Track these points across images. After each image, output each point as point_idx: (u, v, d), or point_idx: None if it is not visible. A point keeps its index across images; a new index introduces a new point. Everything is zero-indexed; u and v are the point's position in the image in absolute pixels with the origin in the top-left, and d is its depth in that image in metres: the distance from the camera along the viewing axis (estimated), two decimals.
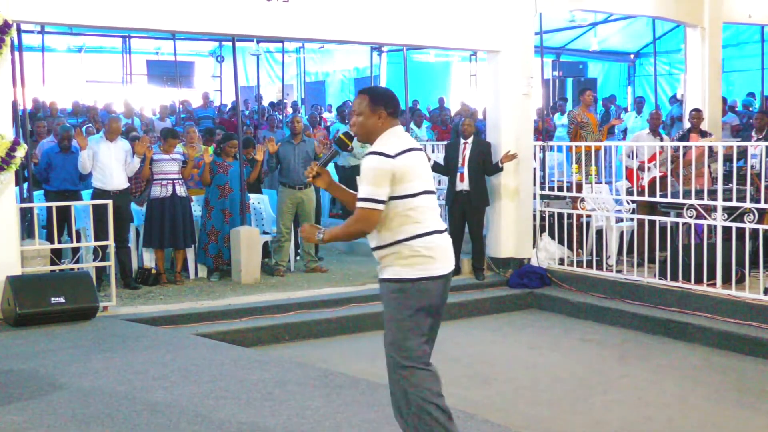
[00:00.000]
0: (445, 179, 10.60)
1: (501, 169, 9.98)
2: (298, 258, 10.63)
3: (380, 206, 3.73)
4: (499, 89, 10.35)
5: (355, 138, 4.02)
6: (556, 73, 19.23)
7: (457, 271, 10.05)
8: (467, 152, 9.84)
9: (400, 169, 3.74)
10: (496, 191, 10.19)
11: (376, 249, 3.88)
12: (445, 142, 10.99)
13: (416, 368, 3.81)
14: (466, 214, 9.88)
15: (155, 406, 5.22)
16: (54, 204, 8.45)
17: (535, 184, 10.35)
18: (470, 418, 4.98)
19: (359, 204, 3.76)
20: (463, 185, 9.82)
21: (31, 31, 15.33)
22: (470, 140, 9.90)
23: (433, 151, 11.56)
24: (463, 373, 6.86)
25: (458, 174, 9.84)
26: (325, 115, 18.84)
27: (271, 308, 8.47)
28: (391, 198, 3.76)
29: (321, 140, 10.88)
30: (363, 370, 6.53)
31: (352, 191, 4.07)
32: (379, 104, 3.88)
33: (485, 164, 9.90)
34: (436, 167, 10.27)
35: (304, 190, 10.02)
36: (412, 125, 13.02)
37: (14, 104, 8.08)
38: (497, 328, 8.80)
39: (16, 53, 8.02)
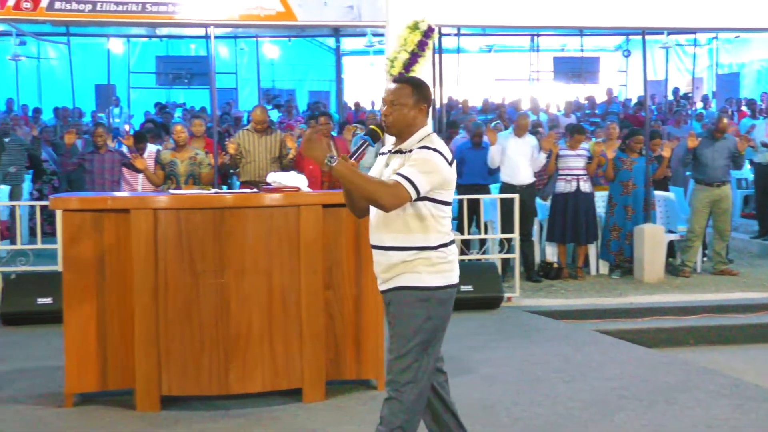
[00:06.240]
0: None
1: None
2: (705, 259, 10.10)
3: (414, 196, 3.44)
4: None
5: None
6: None
7: None
8: None
9: (450, 177, 3.56)
10: None
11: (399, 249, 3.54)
12: None
13: None
14: None
15: (556, 398, 5.30)
16: (465, 197, 8.92)
17: None
18: None
19: (399, 179, 3.41)
20: None
21: (448, 34, 16.30)
22: None
23: None
24: None
25: None
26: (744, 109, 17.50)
27: (674, 309, 8.17)
28: (428, 199, 3.51)
29: (744, 136, 10.19)
30: None
31: (375, 178, 3.57)
32: (422, 99, 3.62)
33: None
34: None
35: (722, 188, 9.54)
36: None
37: (432, 102, 8.68)
38: None
39: (437, 55, 8.61)
